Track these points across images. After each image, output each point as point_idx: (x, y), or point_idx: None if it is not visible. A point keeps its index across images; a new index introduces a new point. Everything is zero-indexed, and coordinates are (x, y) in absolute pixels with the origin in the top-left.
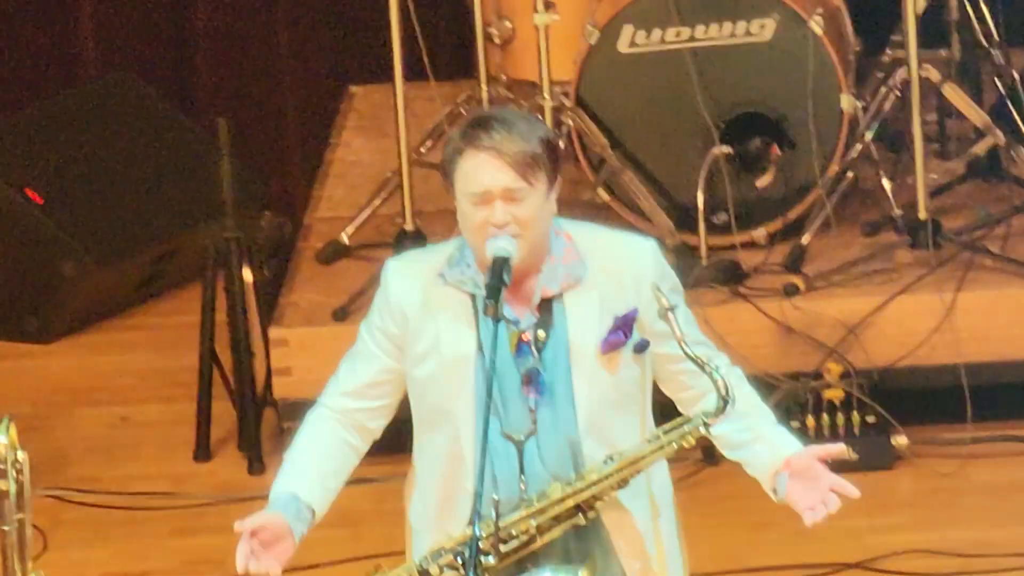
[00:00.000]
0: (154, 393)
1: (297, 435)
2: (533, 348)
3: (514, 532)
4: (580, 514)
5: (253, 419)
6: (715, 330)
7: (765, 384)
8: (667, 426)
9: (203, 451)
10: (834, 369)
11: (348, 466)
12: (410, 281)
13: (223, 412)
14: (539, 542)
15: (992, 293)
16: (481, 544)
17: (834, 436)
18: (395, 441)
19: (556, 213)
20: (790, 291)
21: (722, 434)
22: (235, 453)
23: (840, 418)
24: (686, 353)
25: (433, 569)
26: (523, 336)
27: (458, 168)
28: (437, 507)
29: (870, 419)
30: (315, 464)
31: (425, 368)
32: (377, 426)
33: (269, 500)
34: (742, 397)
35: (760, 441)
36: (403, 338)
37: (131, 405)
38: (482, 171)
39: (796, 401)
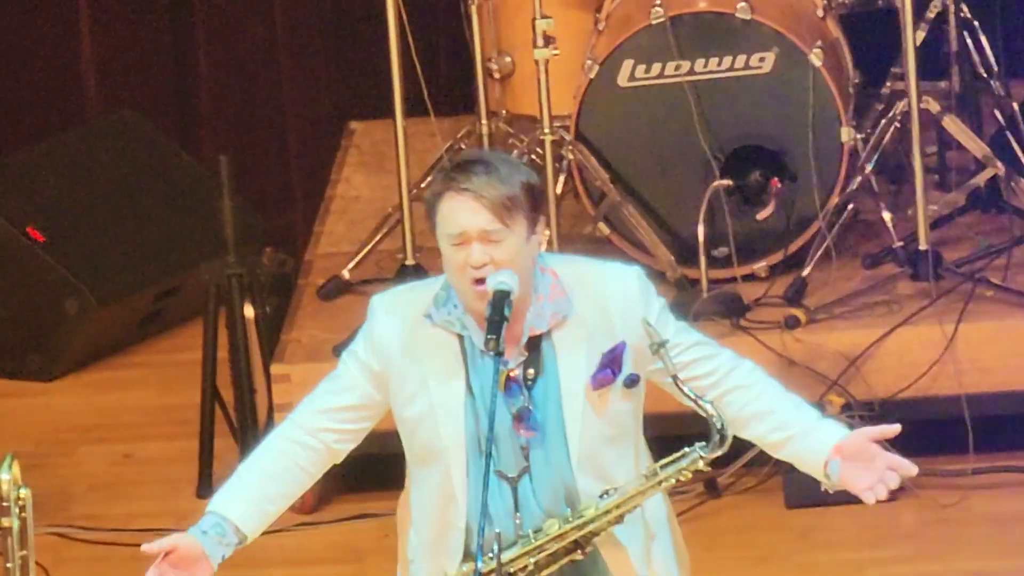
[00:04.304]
0: (157, 430)
1: (255, 449)
2: (523, 386)
3: (512, 569)
4: (578, 550)
5: None
6: None
7: None
8: (664, 461)
9: (206, 488)
10: (835, 401)
11: (295, 490)
12: (396, 321)
13: (225, 449)
14: None
15: (993, 324)
16: None
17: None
18: (397, 477)
19: (539, 251)
20: (791, 323)
21: (755, 437)
22: None
23: None
24: (679, 388)
25: None
26: (511, 374)
27: (438, 210)
28: (430, 542)
29: None
30: (259, 486)
31: (414, 408)
32: (343, 449)
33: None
34: (762, 392)
35: (798, 438)
36: (385, 376)
37: (134, 442)
38: (460, 213)
39: None
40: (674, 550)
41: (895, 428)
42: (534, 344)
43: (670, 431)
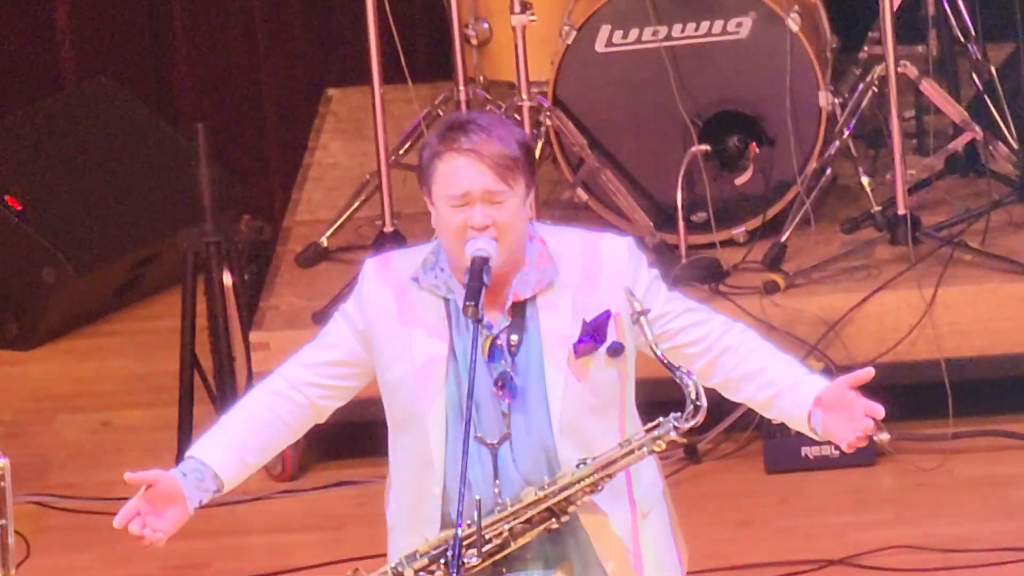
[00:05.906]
0: (135, 398)
1: (239, 400)
2: (506, 352)
3: (488, 535)
4: (553, 518)
5: None
6: None
7: None
8: (638, 430)
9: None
10: (815, 366)
11: (276, 443)
12: (385, 283)
13: (205, 416)
14: (513, 546)
15: (972, 288)
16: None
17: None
18: (376, 444)
19: (532, 217)
20: (770, 289)
21: (746, 399)
22: None
23: None
24: (656, 356)
25: (407, 572)
26: (497, 341)
27: (436, 171)
28: (410, 507)
29: None
30: (240, 435)
31: (396, 371)
32: (327, 406)
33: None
34: (751, 353)
35: (783, 395)
36: (369, 337)
37: (112, 410)
38: (462, 173)
39: None
40: (671, 529)
41: (868, 372)
42: (518, 310)
43: (658, 397)
